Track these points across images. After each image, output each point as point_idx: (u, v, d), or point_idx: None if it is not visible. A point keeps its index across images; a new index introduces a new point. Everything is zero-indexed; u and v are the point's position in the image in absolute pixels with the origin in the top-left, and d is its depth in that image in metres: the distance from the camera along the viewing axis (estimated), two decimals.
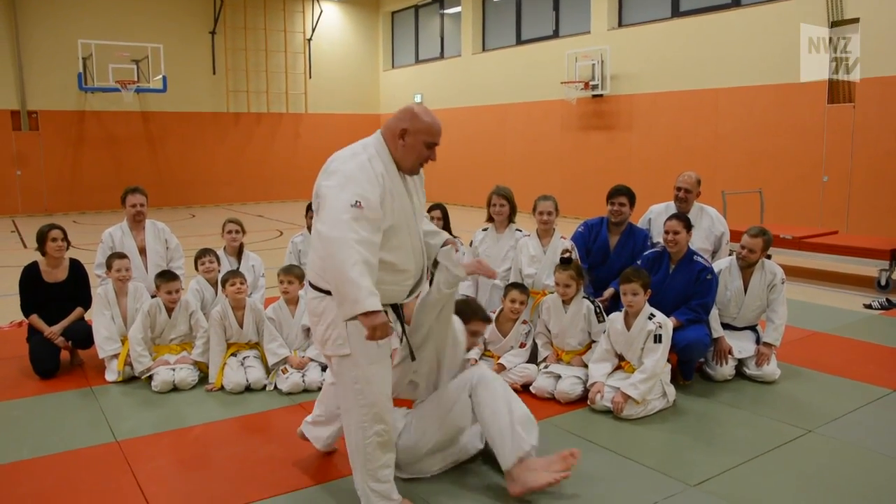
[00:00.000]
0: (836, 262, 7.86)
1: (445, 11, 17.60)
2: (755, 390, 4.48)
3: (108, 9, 15.70)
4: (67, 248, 4.99)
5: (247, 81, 17.58)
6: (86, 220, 14.20)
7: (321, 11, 18.28)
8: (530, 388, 4.36)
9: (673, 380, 4.30)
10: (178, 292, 4.74)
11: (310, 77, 18.43)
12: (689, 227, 4.57)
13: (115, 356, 4.69)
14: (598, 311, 4.44)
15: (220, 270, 5.09)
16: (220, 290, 4.83)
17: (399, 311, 2.95)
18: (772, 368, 4.60)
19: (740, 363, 4.68)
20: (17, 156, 15.12)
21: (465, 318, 3.41)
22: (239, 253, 5.45)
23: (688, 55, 11.71)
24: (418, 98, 17.87)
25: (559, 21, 14.43)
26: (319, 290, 2.80)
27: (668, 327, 4.09)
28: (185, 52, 16.51)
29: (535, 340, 4.64)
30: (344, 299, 2.54)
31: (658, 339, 4.02)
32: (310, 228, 4.09)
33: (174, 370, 4.53)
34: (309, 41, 18.40)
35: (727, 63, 11.11)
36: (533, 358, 4.62)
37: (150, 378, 4.52)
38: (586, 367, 4.33)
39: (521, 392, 4.18)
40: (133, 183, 5.84)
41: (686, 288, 4.50)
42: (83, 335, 4.91)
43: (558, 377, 4.33)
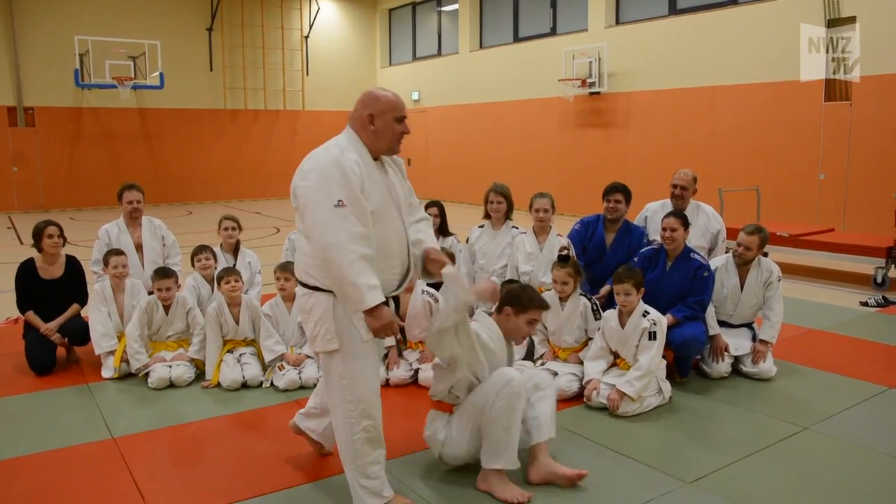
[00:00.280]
0: (833, 259, 7.89)
1: (443, 8, 17.58)
2: (751, 387, 4.49)
3: (105, 5, 15.65)
4: (64, 245, 4.98)
5: (244, 78, 17.55)
6: (82, 217, 14.17)
7: (318, 8, 18.24)
8: None
9: (669, 376, 4.31)
10: (172, 290, 4.72)
11: (307, 74, 18.40)
12: (686, 224, 4.57)
13: (112, 353, 4.69)
14: (594, 308, 4.44)
15: (216, 267, 5.09)
16: (216, 286, 4.82)
17: (391, 303, 2.92)
18: (768, 366, 4.61)
19: (737, 360, 4.68)
20: (14, 152, 15.08)
21: (519, 308, 3.29)
22: (235, 250, 5.46)
23: (685, 53, 11.72)
24: (415, 95, 17.86)
25: (556, 18, 14.43)
26: (307, 286, 2.82)
27: (663, 324, 4.10)
28: (182, 48, 16.47)
29: (531, 337, 4.64)
30: (348, 300, 2.64)
31: (653, 337, 4.03)
32: None
33: (171, 367, 4.53)
34: (306, 38, 18.37)
35: (724, 61, 11.12)
36: (529, 355, 4.62)
37: (147, 375, 4.52)
38: (582, 364, 4.34)
39: None
40: (130, 179, 5.83)
41: (683, 285, 4.51)
42: (79, 332, 4.90)
43: (555, 374, 4.32)
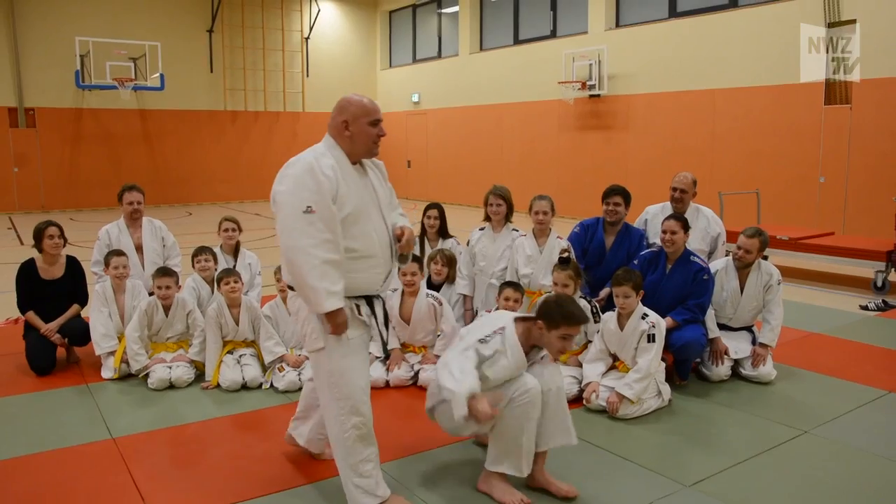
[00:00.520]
0: (833, 263, 7.88)
1: (443, 11, 17.60)
2: (751, 391, 4.49)
3: (106, 6, 15.67)
4: (64, 245, 4.98)
5: (244, 80, 17.56)
6: (83, 218, 14.17)
7: (319, 10, 18.26)
8: None
9: (669, 380, 4.31)
10: (171, 289, 4.72)
11: (307, 76, 18.41)
12: (686, 227, 4.57)
13: (112, 353, 4.69)
14: (594, 310, 4.44)
15: (216, 269, 5.09)
16: (216, 288, 4.82)
17: (373, 304, 2.94)
18: (768, 369, 4.61)
19: (736, 364, 4.68)
20: (15, 153, 15.08)
21: (551, 323, 2.97)
22: (235, 251, 5.46)
23: (685, 56, 11.73)
24: (415, 97, 17.88)
25: (557, 21, 14.44)
26: (293, 288, 2.89)
27: (662, 327, 4.10)
28: (182, 50, 16.49)
29: None
30: (308, 302, 2.76)
31: (651, 339, 4.03)
32: None
33: (170, 368, 4.53)
34: (306, 40, 18.38)
35: (724, 64, 11.13)
36: None
37: (147, 375, 4.52)
38: (581, 366, 4.34)
39: None
40: (130, 180, 5.84)
41: (682, 288, 4.51)
42: (80, 332, 4.90)
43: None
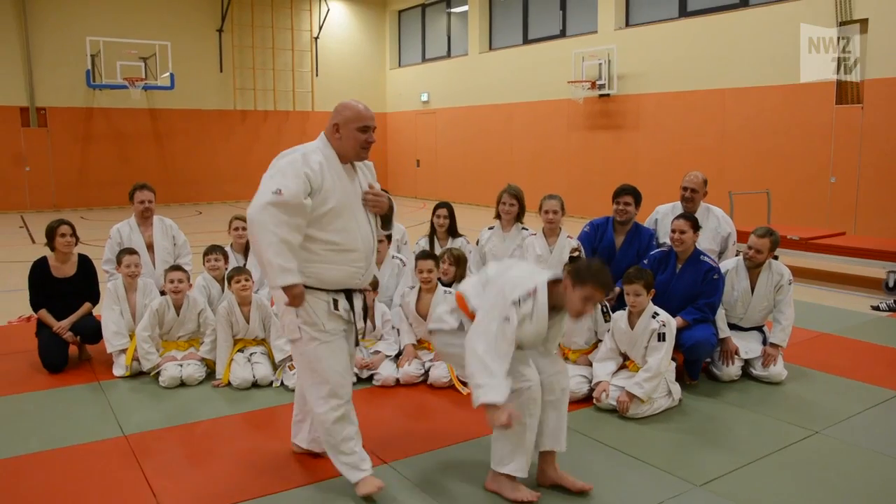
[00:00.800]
0: (844, 263, 7.84)
1: (452, 10, 17.60)
2: (761, 391, 4.47)
3: (117, 6, 15.76)
4: (76, 244, 5.01)
5: (254, 79, 17.62)
6: (94, 216, 14.26)
7: (328, 10, 18.30)
8: None
9: (679, 379, 4.30)
10: (183, 283, 4.74)
11: (316, 75, 18.45)
12: (696, 227, 4.56)
13: (123, 351, 4.72)
14: (604, 310, 4.43)
15: (227, 267, 5.11)
16: (226, 286, 4.84)
17: (353, 299, 3.07)
18: (778, 369, 4.60)
19: (747, 364, 4.67)
20: (26, 152, 15.20)
21: (577, 280, 2.98)
22: (246, 249, 5.47)
23: (695, 55, 11.69)
24: (424, 97, 17.88)
25: (566, 20, 14.42)
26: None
27: (672, 326, 4.09)
28: (192, 49, 16.56)
29: None
30: (266, 275, 2.94)
31: (662, 338, 4.01)
32: None
33: (181, 366, 4.56)
34: (316, 39, 18.42)
35: (734, 63, 11.08)
36: None
37: (158, 373, 4.55)
38: (592, 365, 4.33)
39: None
40: (141, 179, 5.87)
41: (693, 288, 4.50)
42: (91, 330, 4.94)
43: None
